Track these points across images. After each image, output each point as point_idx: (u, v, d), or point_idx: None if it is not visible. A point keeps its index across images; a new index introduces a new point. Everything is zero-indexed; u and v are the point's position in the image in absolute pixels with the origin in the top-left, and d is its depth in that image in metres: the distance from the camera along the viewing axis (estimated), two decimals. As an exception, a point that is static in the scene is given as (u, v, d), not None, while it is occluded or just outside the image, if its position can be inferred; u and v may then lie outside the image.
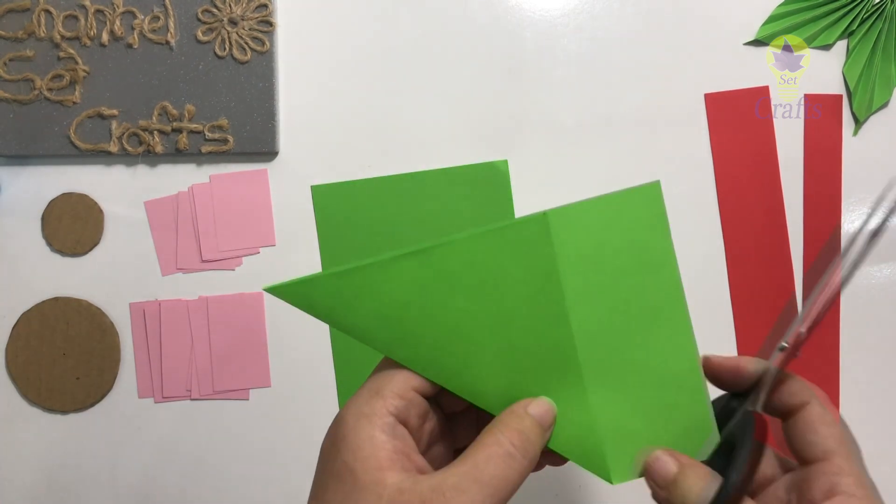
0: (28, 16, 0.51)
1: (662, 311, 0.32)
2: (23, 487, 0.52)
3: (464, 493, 0.27)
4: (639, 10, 0.53)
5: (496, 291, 0.31)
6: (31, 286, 0.52)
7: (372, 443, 0.28)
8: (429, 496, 0.27)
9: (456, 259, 0.31)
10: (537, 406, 0.30)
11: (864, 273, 0.53)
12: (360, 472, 0.28)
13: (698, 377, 0.32)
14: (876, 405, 0.52)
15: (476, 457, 0.28)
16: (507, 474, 0.28)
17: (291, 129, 0.52)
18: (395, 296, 0.31)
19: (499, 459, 0.28)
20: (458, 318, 0.31)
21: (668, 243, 0.32)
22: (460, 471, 0.28)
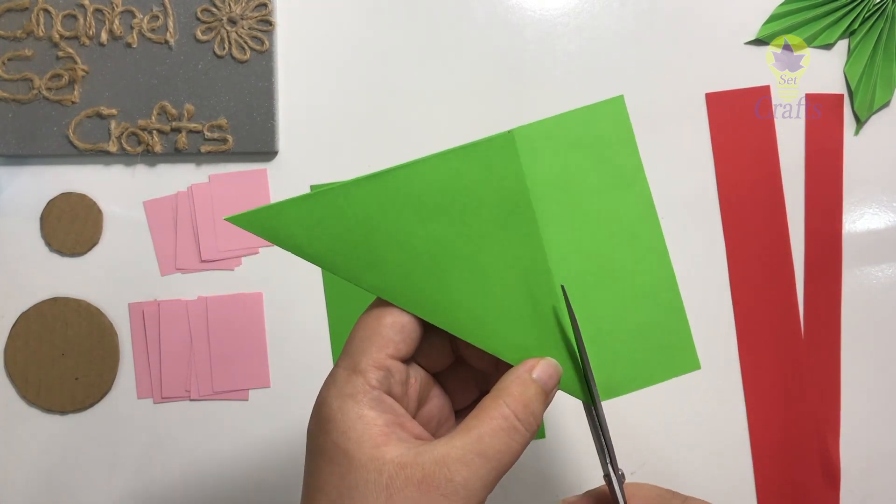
0: (27, 15, 0.51)
1: (636, 228, 0.32)
2: (22, 488, 0.52)
3: (469, 466, 0.27)
4: (639, 9, 0.53)
5: (464, 213, 0.30)
6: (30, 286, 0.52)
7: (362, 421, 0.28)
8: (431, 470, 0.27)
9: (420, 180, 0.30)
10: (542, 370, 0.30)
11: (864, 273, 0.53)
12: (355, 451, 0.27)
13: (676, 292, 0.32)
14: (876, 405, 0.52)
15: (480, 429, 0.28)
16: (511, 447, 0.28)
17: (291, 128, 0.52)
18: (359, 220, 0.30)
19: (504, 433, 0.28)
20: (426, 243, 0.30)
21: (636, 159, 0.32)
22: (464, 443, 0.27)
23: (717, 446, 0.51)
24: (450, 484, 0.26)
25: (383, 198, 0.30)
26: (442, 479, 0.26)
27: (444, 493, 0.26)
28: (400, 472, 0.27)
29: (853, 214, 0.53)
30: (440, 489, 0.26)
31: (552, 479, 0.51)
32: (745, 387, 0.51)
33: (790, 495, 0.51)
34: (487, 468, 0.27)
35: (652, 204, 0.32)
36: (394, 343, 0.30)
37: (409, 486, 0.26)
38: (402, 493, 0.26)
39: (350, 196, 0.30)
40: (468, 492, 0.27)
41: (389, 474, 0.27)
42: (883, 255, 0.53)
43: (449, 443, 0.28)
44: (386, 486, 0.26)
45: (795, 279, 0.52)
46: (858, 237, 0.53)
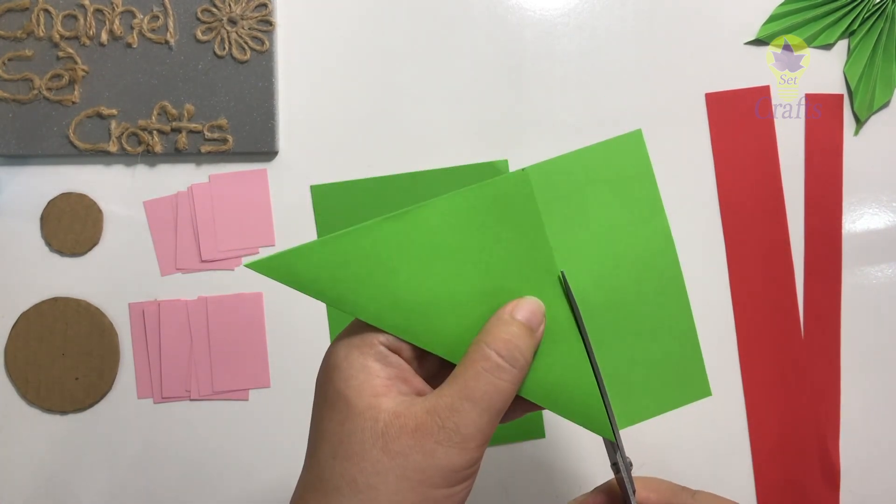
0: (27, 15, 0.51)
1: (654, 261, 0.32)
2: (22, 487, 0.52)
3: (458, 412, 0.27)
4: (639, 9, 0.53)
5: (481, 251, 0.30)
6: (30, 286, 0.52)
7: (366, 371, 0.29)
8: (423, 418, 0.27)
9: (438, 219, 0.30)
10: (523, 309, 0.30)
11: (863, 273, 0.53)
12: (355, 398, 0.28)
13: (691, 323, 0.32)
14: (877, 405, 0.52)
15: (465, 374, 0.28)
16: (499, 386, 0.28)
17: (291, 128, 0.52)
18: (381, 261, 0.30)
19: (488, 374, 0.28)
20: (445, 281, 0.30)
21: (655, 193, 0.32)
22: (452, 390, 0.28)
23: (717, 446, 0.51)
24: (442, 431, 0.27)
25: (403, 238, 0.30)
26: (434, 426, 0.27)
27: (438, 439, 0.27)
28: (394, 421, 0.27)
29: (853, 214, 0.53)
30: (433, 436, 0.27)
31: (552, 479, 0.51)
32: (744, 387, 0.51)
33: (790, 495, 0.51)
34: (477, 411, 0.28)
35: (670, 237, 0.32)
36: None
37: (404, 434, 0.27)
38: (397, 441, 0.27)
39: (371, 237, 0.30)
40: (461, 436, 0.27)
41: (385, 422, 0.27)
42: (882, 255, 0.53)
43: (439, 392, 0.28)
44: (382, 434, 0.27)
45: (795, 279, 0.52)
46: (858, 237, 0.53)
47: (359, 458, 0.27)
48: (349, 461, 0.28)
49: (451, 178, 0.52)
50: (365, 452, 0.27)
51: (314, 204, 0.52)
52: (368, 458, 0.27)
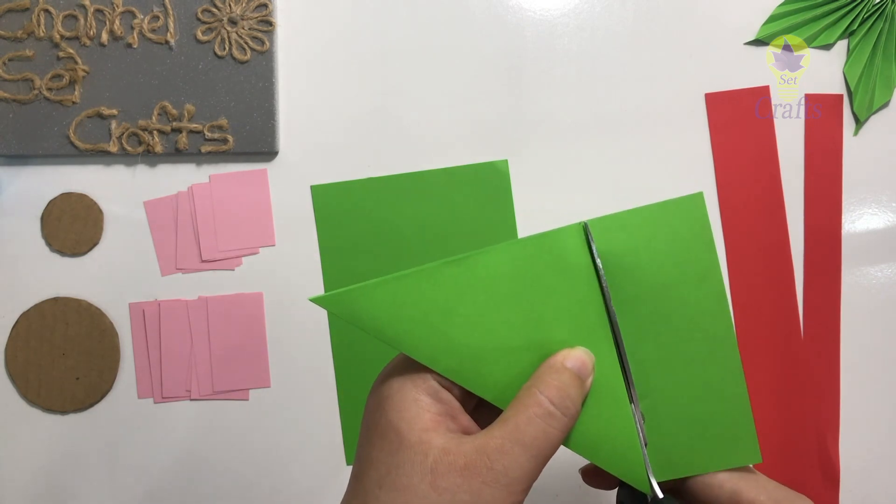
0: (27, 15, 0.51)
1: (707, 322, 0.32)
2: (22, 487, 0.52)
3: (507, 454, 0.28)
4: (639, 9, 0.53)
5: (535, 300, 0.31)
6: (31, 286, 0.52)
7: (417, 405, 0.29)
8: (473, 458, 0.28)
9: (495, 267, 0.31)
10: (574, 358, 0.30)
11: (863, 273, 0.53)
12: (406, 431, 0.28)
13: (743, 386, 0.32)
14: (876, 405, 0.52)
15: (517, 418, 0.29)
16: (549, 433, 0.28)
17: (291, 129, 0.52)
18: (438, 304, 0.31)
19: (539, 420, 0.28)
20: (499, 327, 0.31)
21: (713, 256, 0.32)
22: (503, 433, 0.28)
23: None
24: (490, 472, 0.27)
25: (460, 283, 0.31)
26: (483, 466, 0.27)
27: (485, 480, 0.27)
28: (444, 458, 0.28)
29: (852, 214, 0.53)
30: (481, 476, 0.27)
31: (552, 479, 0.51)
32: (744, 386, 0.51)
33: (790, 495, 0.51)
34: (526, 456, 0.28)
35: (725, 300, 0.32)
36: None
37: (453, 472, 0.27)
38: (445, 478, 0.27)
39: (431, 280, 0.31)
40: (508, 479, 0.27)
41: (434, 458, 0.28)
42: (882, 255, 0.53)
43: (488, 433, 0.28)
44: (431, 470, 0.28)
45: (795, 279, 0.52)
46: (858, 237, 0.53)
47: (406, 490, 0.28)
48: (396, 492, 0.28)
49: (451, 178, 0.52)
50: (413, 486, 0.28)
51: (314, 204, 0.52)
52: (416, 492, 0.27)
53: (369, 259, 0.52)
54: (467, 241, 0.52)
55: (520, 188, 0.52)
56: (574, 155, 0.52)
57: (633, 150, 0.52)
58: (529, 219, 0.52)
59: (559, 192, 0.52)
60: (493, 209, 0.52)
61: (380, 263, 0.52)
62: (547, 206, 0.52)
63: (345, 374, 0.52)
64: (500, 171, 0.52)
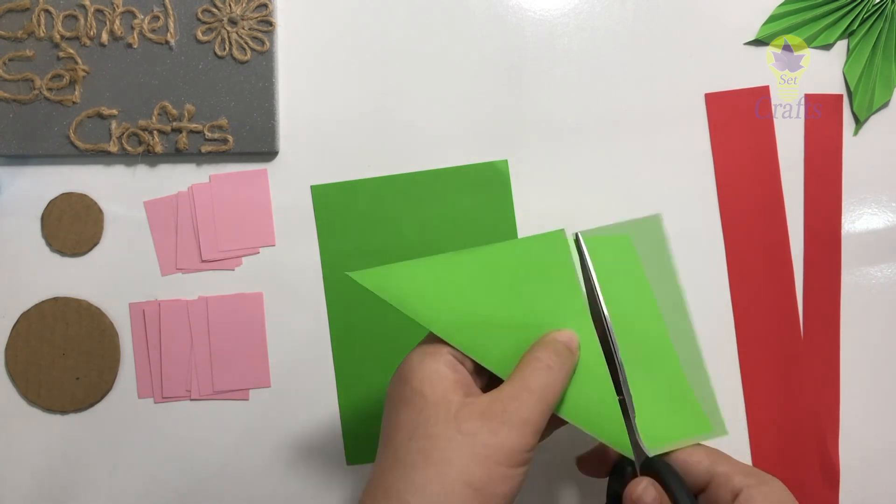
0: (28, 15, 0.51)
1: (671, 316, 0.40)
2: (22, 487, 0.52)
3: (517, 399, 0.34)
4: (639, 9, 0.53)
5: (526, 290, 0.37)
6: (31, 286, 0.52)
7: (437, 373, 0.34)
8: (490, 404, 0.33)
9: (495, 259, 0.38)
10: (563, 334, 0.37)
11: (863, 273, 0.53)
12: (430, 393, 0.34)
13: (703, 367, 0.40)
14: (876, 405, 0.52)
15: (523, 372, 0.35)
16: (550, 382, 0.34)
17: (291, 129, 0.52)
18: (452, 285, 0.37)
19: (541, 371, 0.35)
20: (500, 309, 0.37)
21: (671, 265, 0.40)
22: (512, 384, 0.34)
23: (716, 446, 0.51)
24: (505, 413, 0.33)
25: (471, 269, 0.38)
26: (498, 410, 0.33)
27: (502, 420, 0.33)
28: (465, 407, 0.33)
29: (852, 214, 0.53)
30: (498, 417, 0.33)
31: (552, 478, 0.51)
32: (744, 386, 0.51)
33: (790, 495, 0.51)
34: (533, 399, 0.34)
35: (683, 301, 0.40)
36: None
37: (473, 416, 0.33)
38: (468, 423, 0.33)
39: (449, 264, 0.38)
40: (521, 419, 0.33)
41: (457, 408, 0.33)
42: (882, 255, 0.53)
43: (501, 388, 0.34)
44: (455, 417, 0.33)
45: (795, 279, 0.52)
46: (857, 237, 0.53)
47: (434, 437, 0.32)
48: (425, 440, 0.33)
49: (451, 178, 0.52)
50: (440, 433, 0.32)
51: (314, 204, 0.52)
52: (443, 436, 0.32)
53: (369, 259, 0.52)
54: (467, 241, 0.52)
55: (520, 188, 0.52)
56: (574, 155, 0.53)
57: (633, 150, 0.52)
58: (529, 219, 0.52)
59: (559, 192, 0.52)
60: (493, 209, 0.52)
61: (380, 263, 0.52)
62: (547, 206, 0.52)
63: (345, 375, 0.52)
64: (500, 171, 0.52)
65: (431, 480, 0.32)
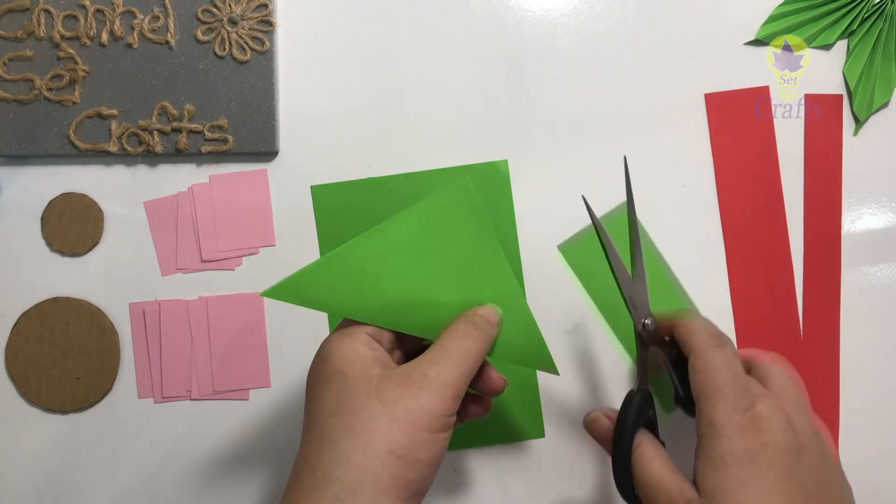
0: (28, 15, 0.51)
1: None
2: (22, 487, 0.52)
3: (435, 364, 0.35)
4: (639, 9, 0.53)
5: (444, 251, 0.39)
6: (31, 286, 0.52)
7: (356, 353, 0.35)
8: (409, 372, 0.34)
9: (404, 231, 0.38)
10: (483, 308, 0.38)
11: (863, 273, 0.53)
12: (349, 371, 0.34)
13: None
14: (875, 405, 0.52)
15: (441, 339, 0.36)
16: (468, 345, 0.36)
17: (291, 129, 0.52)
18: (366, 273, 0.38)
19: (458, 337, 0.36)
20: (419, 281, 0.38)
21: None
22: (432, 351, 0.36)
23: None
24: (424, 378, 0.34)
25: (379, 250, 0.38)
26: (418, 375, 0.34)
27: (421, 384, 0.34)
28: (385, 379, 0.34)
29: (852, 214, 0.53)
30: (417, 382, 0.34)
31: (552, 479, 0.51)
32: (744, 386, 0.51)
33: (790, 495, 0.51)
34: (452, 363, 0.35)
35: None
36: None
37: (394, 384, 0.34)
38: (389, 391, 0.33)
39: (355, 254, 0.38)
40: (441, 383, 0.34)
41: (377, 381, 0.34)
42: (882, 255, 0.53)
43: (420, 357, 0.36)
44: (375, 388, 0.34)
45: (794, 279, 0.52)
46: (857, 237, 0.53)
47: (356, 409, 0.33)
48: (348, 414, 0.33)
49: (450, 178, 0.52)
50: (362, 405, 0.33)
51: (314, 204, 0.52)
52: (364, 407, 0.33)
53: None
54: (467, 241, 0.52)
55: (520, 188, 0.52)
56: (574, 155, 0.53)
57: (633, 150, 0.52)
58: (529, 219, 0.52)
59: (559, 192, 0.52)
60: (493, 209, 0.52)
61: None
62: (547, 206, 0.52)
63: (345, 374, 0.52)
64: (500, 171, 0.52)
65: (355, 452, 0.32)
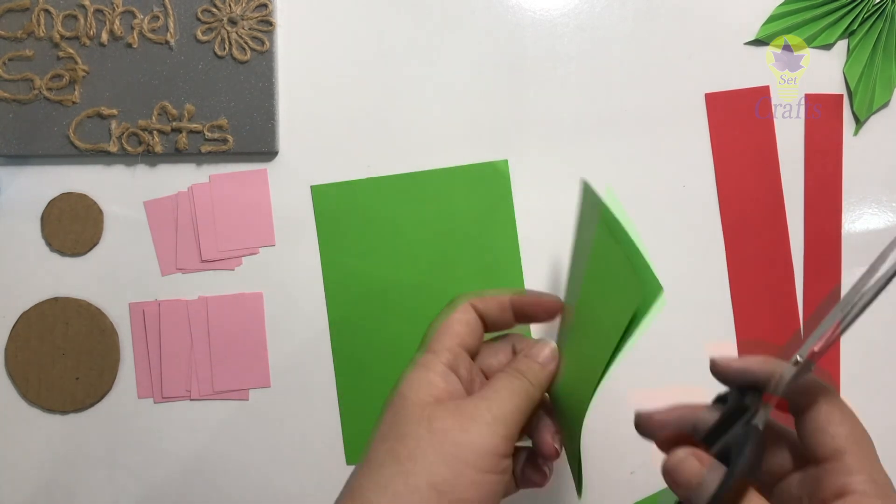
0: (27, 15, 0.51)
1: None
2: (22, 487, 0.52)
3: (487, 398, 0.34)
4: (639, 9, 0.53)
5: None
6: (31, 286, 0.52)
7: (427, 381, 0.34)
8: (462, 404, 0.34)
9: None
10: (539, 348, 0.37)
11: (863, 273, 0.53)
12: (412, 398, 0.34)
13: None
14: (876, 405, 0.52)
15: (494, 378, 0.36)
16: (515, 386, 0.35)
17: (291, 129, 0.52)
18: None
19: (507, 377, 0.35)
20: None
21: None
22: (484, 388, 0.35)
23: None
24: (476, 410, 0.33)
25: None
26: (471, 408, 0.33)
27: (472, 416, 0.33)
28: (438, 407, 0.33)
29: (853, 214, 0.53)
30: (469, 415, 0.33)
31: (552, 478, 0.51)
32: (744, 386, 0.51)
33: (790, 495, 0.51)
34: (502, 399, 0.34)
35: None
36: (461, 334, 0.37)
37: (445, 414, 0.33)
38: (440, 420, 0.33)
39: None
40: (491, 416, 0.33)
41: (431, 409, 0.33)
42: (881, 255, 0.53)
43: (477, 392, 0.35)
44: (428, 417, 0.33)
45: (795, 279, 0.52)
46: (858, 237, 0.53)
47: (405, 436, 0.32)
48: (396, 440, 0.33)
49: (451, 178, 0.52)
50: (411, 431, 0.32)
51: (314, 204, 0.52)
52: (413, 434, 0.32)
53: (369, 259, 0.52)
54: (467, 241, 0.52)
55: (520, 188, 0.52)
56: (574, 155, 0.52)
57: (633, 150, 0.52)
58: (529, 219, 0.52)
59: (559, 192, 0.52)
60: (493, 209, 0.52)
61: (380, 263, 0.52)
62: (547, 206, 0.52)
63: (345, 374, 0.52)
64: (500, 171, 0.52)
65: (395, 479, 0.31)
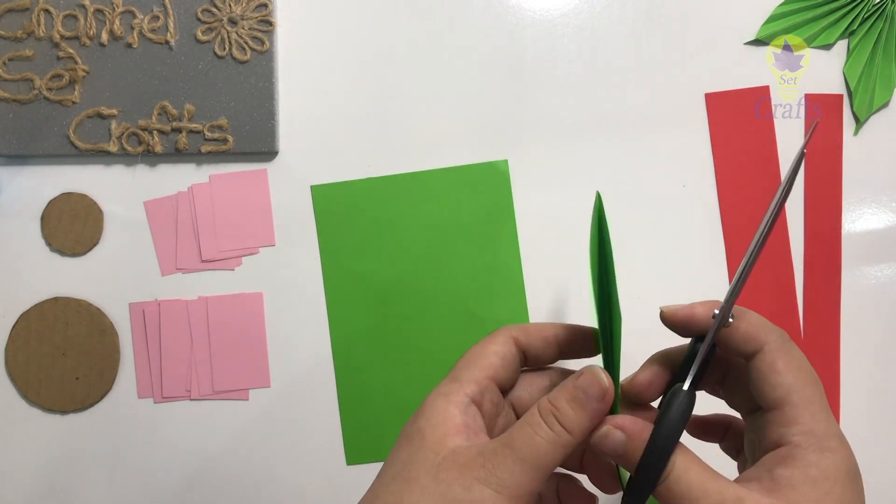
0: (27, 15, 0.51)
1: None
2: (22, 487, 0.52)
3: (498, 455, 0.30)
4: (639, 9, 0.53)
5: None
6: (31, 286, 0.52)
7: (445, 415, 0.32)
8: (472, 457, 0.30)
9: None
10: (583, 378, 0.32)
11: (863, 273, 0.53)
12: (429, 434, 0.31)
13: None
14: (876, 405, 0.52)
15: (514, 426, 0.31)
16: (534, 441, 0.30)
17: (291, 129, 0.52)
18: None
19: (525, 427, 0.31)
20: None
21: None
22: (499, 438, 0.31)
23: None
24: (482, 470, 0.30)
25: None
26: (477, 465, 0.30)
27: (478, 477, 0.29)
28: (450, 456, 0.30)
29: (852, 214, 0.53)
30: (474, 473, 0.30)
31: (552, 478, 0.51)
32: (744, 386, 0.51)
33: (790, 495, 0.51)
34: (514, 458, 0.30)
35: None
36: (493, 367, 0.34)
37: (453, 468, 0.30)
38: (446, 473, 0.30)
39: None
40: (498, 481, 0.29)
41: (443, 456, 0.30)
42: (882, 255, 0.53)
43: (493, 440, 0.31)
44: (437, 465, 0.30)
45: (795, 279, 0.52)
46: (858, 237, 0.53)
47: (412, 482, 0.30)
48: (404, 484, 0.30)
49: (450, 178, 0.52)
50: (418, 479, 0.30)
51: (314, 204, 0.52)
52: (419, 482, 0.30)
53: (369, 259, 0.52)
54: (467, 241, 0.52)
55: (520, 188, 0.52)
56: (574, 155, 0.52)
57: (633, 150, 0.52)
58: (529, 219, 0.52)
59: (559, 192, 0.52)
60: (493, 209, 0.52)
61: (380, 263, 0.52)
62: (547, 206, 0.52)
63: (345, 375, 0.52)
64: (500, 171, 0.52)
65: None
